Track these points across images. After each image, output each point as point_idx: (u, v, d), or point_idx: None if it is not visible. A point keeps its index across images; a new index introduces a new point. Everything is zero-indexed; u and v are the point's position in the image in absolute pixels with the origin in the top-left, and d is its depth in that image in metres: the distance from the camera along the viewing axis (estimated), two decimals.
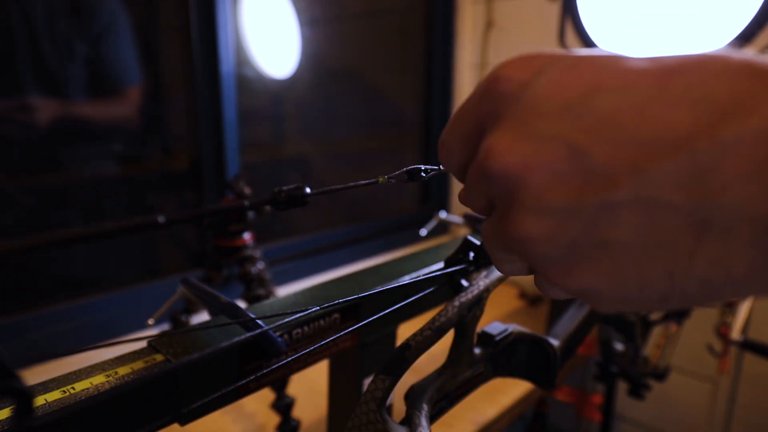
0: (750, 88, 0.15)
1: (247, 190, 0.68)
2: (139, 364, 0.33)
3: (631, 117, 0.16)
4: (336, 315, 0.42)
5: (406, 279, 0.47)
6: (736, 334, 0.92)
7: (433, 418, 0.33)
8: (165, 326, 0.81)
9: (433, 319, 0.33)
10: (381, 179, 0.28)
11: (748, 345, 0.91)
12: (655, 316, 0.89)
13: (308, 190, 0.26)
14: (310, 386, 0.79)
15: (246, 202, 0.26)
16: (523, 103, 0.18)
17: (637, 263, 0.17)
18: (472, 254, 0.40)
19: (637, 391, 0.94)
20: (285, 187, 0.26)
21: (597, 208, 0.17)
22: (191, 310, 0.70)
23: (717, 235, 0.16)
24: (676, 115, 0.16)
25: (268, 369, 0.38)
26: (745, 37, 1.09)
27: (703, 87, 0.16)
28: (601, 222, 0.17)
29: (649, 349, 0.91)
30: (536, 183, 0.18)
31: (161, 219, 0.21)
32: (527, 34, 1.44)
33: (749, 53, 0.16)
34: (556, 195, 0.17)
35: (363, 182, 0.28)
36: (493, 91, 0.20)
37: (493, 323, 0.40)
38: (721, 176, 0.15)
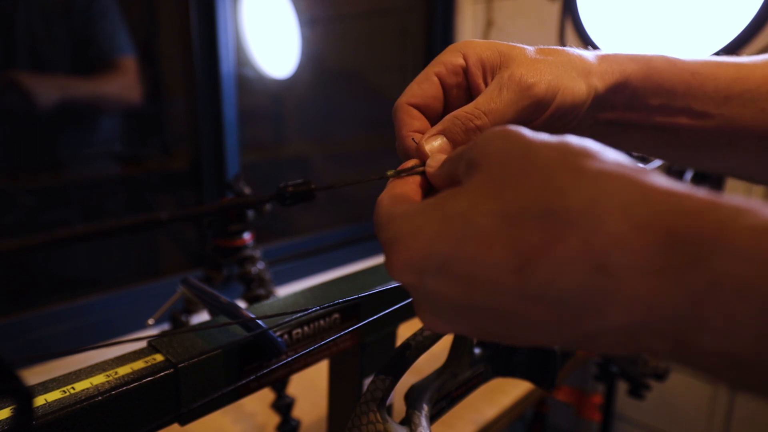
0: (597, 287, 0.17)
1: (247, 190, 0.68)
2: (139, 364, 0.33)
3: (508, 323, 0.20)
4: (336, 315, 0.42)
5: None
6: None
7: (433, 418, 0.33)
8: (165, 326, 0.81)
9: None
10: (390, 172, 0.28)
11: None
12: None
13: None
14: (310, 386, 0.79)
15: (250, 200, 0.25)
16: (423, 295, 0.22)
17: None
18: None
19: (637, 391, 0.94)
20: (291, 182, 0.26)
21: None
22: (191, 310, 0.70)
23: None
24: (542, 313, 0.18)
25: (268, 369, 0.38)
26: (745, 37, 1.09)
27: (556, 287, 0.18)
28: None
29: None
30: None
31: (163, 216, 0.21)
32: (527, 34, 1.44)
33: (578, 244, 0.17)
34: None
35: (372, 177, 0.28)
36: (402, 282, 0.23)
37: None
38: (596, 346, 0.19)
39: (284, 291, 0.73)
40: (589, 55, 0.32)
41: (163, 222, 0.21)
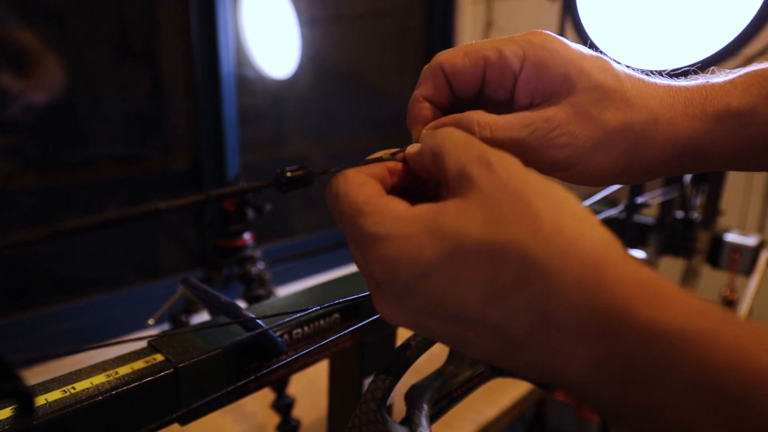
0: (539, 332, 0.20)
1: None
2: (139, 364, 0.33)
3: (460, 334, 0.22)
4: (336, 315, 0.42)
5: None
6: None
7: (433, 418, 0.33)
8: (165, 326, 0.81)
9: None
10: (386, 156, 0.28)
11: None
12: None
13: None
14: (310, 386, 0.79)
15: (248, 187, 0.25)
16: (393, 288, 0.23)
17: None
18: None
19: None
20: (288, 168, 0.25)
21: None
22: (191, 310, 0.70)
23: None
24: (489, 340, 0.21)
25: (268, 369, 0.38)
26: (745, 37, 1.09)
27: (510, 323, 0.20)
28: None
29: None
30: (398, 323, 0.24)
31: (161, 206, 0.21)
32: None
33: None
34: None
35: (369, 160, 0.28)
36: (377, 274, 0.23)
37: None
38: (519, 372, 0.22)
39: (284, 291, 0.73)
40: (674, 101, 0.28)
41: (161, 211, 0.21)
